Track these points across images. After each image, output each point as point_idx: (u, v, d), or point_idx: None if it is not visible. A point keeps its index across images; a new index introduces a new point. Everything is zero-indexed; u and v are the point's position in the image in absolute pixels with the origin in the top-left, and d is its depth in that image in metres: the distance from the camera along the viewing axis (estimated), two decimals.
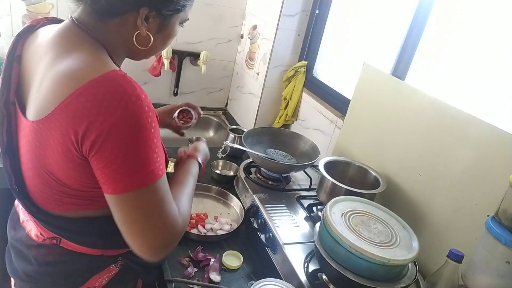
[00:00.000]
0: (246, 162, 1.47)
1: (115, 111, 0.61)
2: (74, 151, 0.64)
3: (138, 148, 0.64)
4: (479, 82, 1.11)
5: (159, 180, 0.67)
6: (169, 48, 1.93)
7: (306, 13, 1.81)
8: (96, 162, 0.64)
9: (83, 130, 0.61)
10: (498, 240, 0.77)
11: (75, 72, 0.63)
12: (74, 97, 0.61)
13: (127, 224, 0.66)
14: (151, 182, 0.65)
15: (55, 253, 0.79)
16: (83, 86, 0.61)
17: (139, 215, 0.65)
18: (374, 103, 1.35)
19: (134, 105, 0.62)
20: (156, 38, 0.76)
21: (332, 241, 0.88)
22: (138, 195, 0.65)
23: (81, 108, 0.61)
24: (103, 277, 0.83)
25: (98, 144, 0.62)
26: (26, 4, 1.73)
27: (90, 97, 0.61)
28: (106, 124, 0.61)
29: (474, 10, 1.12)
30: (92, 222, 0.78)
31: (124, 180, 0.64)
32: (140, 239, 0.66)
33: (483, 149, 0.97)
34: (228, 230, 1.23)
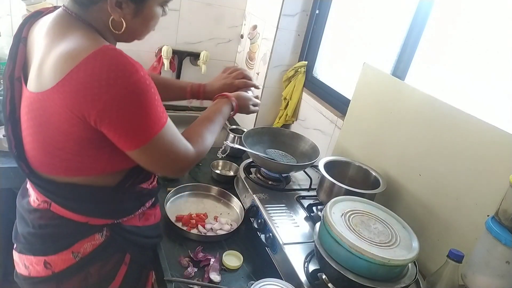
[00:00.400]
0: (246, 162, 1.47)
1: (115, 82, 0.69)
2: (80, 121, 0.73)
3: (143, 109, 0.74)
4: (479, 82, 1.11)
5: (166, 126, 0.80)
6: (169, 48, 1.93)
7: (306, 13, 1.81)
8: (108, 129, 0.74)
9: (88, 104, 0.70)
10: (498, 240, 0.77)
11: (71, 52, 0.71)
12: (73, 74, 0.69)
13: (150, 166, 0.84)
14: (160, 130, 0.78)
15: (46, 217, 0.87)
16: (80, 63, 0.69)
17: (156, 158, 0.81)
18: (374, 103, 1.35)
19: (130, 73, 0.71)
20: (135, 22, 0.82)
21: (332, 241, 0.88)
22: (152, 144, 0.78)
23: (82, 82, 0.69)
24: (87, 244, 0.89)
25: (106, 114, 0.71)
26: (26, 4, 1.73)
27: (88, 72, 0.69)
28: (109, 95, 0.70)
29: (474, 10, 1.12)
30: (78, 189, 0.85)
31: (138, 136, 0.76)
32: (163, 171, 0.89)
33: (483, 149, 0.97)
34: (228, 230, 1.23)
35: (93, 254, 0.89)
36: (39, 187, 0.86)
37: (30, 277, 0.91)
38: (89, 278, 0.91)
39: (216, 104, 1.06)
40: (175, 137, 0.83)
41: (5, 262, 1.81)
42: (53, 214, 0.87)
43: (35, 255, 0.89)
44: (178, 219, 1.24)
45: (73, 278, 0.89)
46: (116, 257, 0.95)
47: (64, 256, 0.87)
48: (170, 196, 1.32)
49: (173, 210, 1.27)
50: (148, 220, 1.03)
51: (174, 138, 0.83)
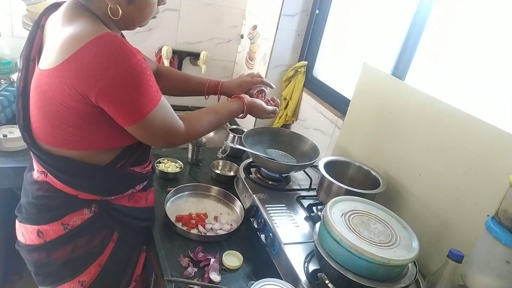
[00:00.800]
0: (246, 162, 1.47)
1: (115, 64, 0.77)
2: (81, 98, 0.81)
3: (139, 88, 0.82)
4: (479, 82, 1.11)
5: (160, 103, 0.88)
6: (169, 48, 1.93)
7: (306, 13, 1.81)
8: (108, 107, 0.83)
9: (90, 84, 0.78)
10: (498, 240, 0.78)
11: (76, 35, 0.79)
12: (77, 54, 0.77)
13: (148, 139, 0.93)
14: (155, 107, 0.87)
15: (43, 188, 0.96)
16: (84, 46, 0.77)
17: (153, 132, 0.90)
18: (374, 103, 1.35)
19: (128, 57, 0.79)
20: (130, 9, 0.88)
21: (332, 241, 0.88)
22: (148, 119, 0.86)
23: (85, 63, 0.77)
24: (76, 218, 0.97)
25: (106, 93, 0.79)
26: (26, 4, 1.73)
27: (91, 54, 0.77)
28: (109, 76, 0.78)
29: (474, 10, 1.12)
30: (71, 163, 0.92)
31: (135, 113, 0.84)
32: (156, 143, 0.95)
33: (483, 149, 0.97)
34: (228, 230, 1.23)
35: (81, 227, 0.97)
36: (38, 158, 0.94)
37: (26, 245, 1.00)
38: (77, 250, 0.98)
39: (228, 101, 1.16)
40: (167, 114, 0.92)
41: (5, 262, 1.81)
42: (49, 186, 0.96)
43: (31, 224, 0.98)
44: (178, 219, 1.24)
45: (62, 248, 0.97)
46: (103, 233, 1.01)
47: (55, 226, 0.95)
48: (170, 196, 1.32)
49: (173, 210, 1.27)
50: (138, 202, 1.09)
51: (166, 115, 0.91)
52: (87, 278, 1.01)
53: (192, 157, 1.62)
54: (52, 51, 0.82)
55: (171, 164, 1.52)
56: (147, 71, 0.83)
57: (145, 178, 1.09)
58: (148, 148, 1.07)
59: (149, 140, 0.94)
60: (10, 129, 1.49)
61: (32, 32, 0.94)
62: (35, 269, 1.01)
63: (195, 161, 1.62)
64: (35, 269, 1.01)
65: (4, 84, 1.63)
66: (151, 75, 0.85)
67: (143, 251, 1.16)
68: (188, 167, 1.59)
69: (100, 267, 1.02)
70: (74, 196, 0.96)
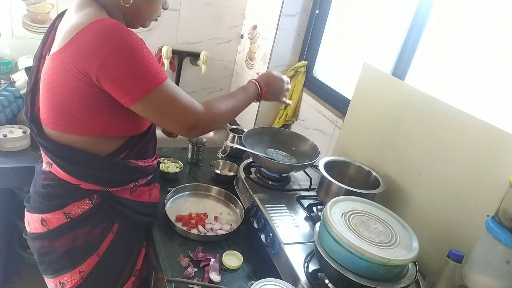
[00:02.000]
0: (246, 162, 1.47)
1: (111, 40, 0.80)
2: (84, 77, 0.83)
3: (137, 63, 0.82)
4: (479, 82, 1.11)
5: (165, 82, 0.86)
6: (169, 48, 1.93)
7: (306, 13, 1.81)
8: (109, 85, 0.83)
9: (90, 61, 0.80)
10: (498, 240, 0.78)
11: (78, 21, 0.84)
12: (78, 36, 0.81)
13: (157, 120, 0.90)
14: (159, 85, 0.85)
15: (49, 178, 1.00)
16: (84, 28, 0.81)
17: (161, 111, 0.87)
18: (374, 103, 1.35)
19: (123, 34, 0.81)
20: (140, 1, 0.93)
21: (332, 241, 0.88)
22: (152, 97, 0.85)
23: (84, 42, 0.80)
24: (78, 207, 0.99)
25: (105, 69, 0.80)
26: (26, 4, 1.73)
27: (90, 33, 0.80)
28: (105, 53, 0.80)
29: (474, 10, 1.12)
30: (75, 152, 0.94)
31: (135, 89, 0.83)
32: (172, 126, 0.91)
33: (483, 149, 0.97)
34: (228, 230, 1.23)
35: (82, 217, 0.99)
36: (44, 148, 0.97)
37: (31, 233, 1.04)
38: (77, 240, 1.00)
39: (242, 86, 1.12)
40: (177, 93, 0.89)
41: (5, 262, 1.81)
42: (54, 176, 0.99)
43: (36, 213, 1.01)
44: (178, 219, 1.24)
45: (63, 237, 1.00)
46: (103, 224, 1.03)
47: (57, 215, 0.99)
48: (170, 196, 1.32)
49: (173, 210, 1.27)
50: (140, 196, 1.11)
51: (176, 94, 0.88)
52: (86, 268, 1.03)
53: (192, 157, 1.62)
54: (58, 39, 0.87)
55: (171, 164, 1.53)
56: (143, 48, 0.84)
57: (148, 173, 1.10)
58: (152, 141, 1.09)
59: (161, 120, 0.90)
60: (10, 129, 1.49)
61: (46, 33, 0.99)
62: (39, 258, 1.04)
63: (195, 161, 1.62)
64: (38, 258, 1.05)
65: (4, 84, 1.63)
66: (149, 54, 0.85)
67: (143, 246, 1.17)
68: (188, 167, 1.59)
69: (98, 257, 1.04)
70: (77, 186, 0.98)
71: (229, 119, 1.05)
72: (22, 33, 1.77)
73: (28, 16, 1.76)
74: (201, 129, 0.94)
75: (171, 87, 0.88)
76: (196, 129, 0.93)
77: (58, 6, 1.78)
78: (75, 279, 1.04)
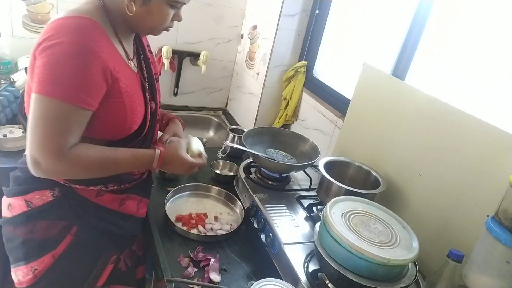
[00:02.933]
0: (246, 162, 1.47)
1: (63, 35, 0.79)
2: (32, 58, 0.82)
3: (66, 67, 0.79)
4: (479, 82, 1.11)
5: (66, 104, 0.79)
6: (169, 48, 1.93)
7: (306, 13, 1.81)
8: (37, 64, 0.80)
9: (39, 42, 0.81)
10: (498, 240, 0.78)
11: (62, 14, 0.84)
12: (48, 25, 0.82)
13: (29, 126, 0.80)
14: (57, 97, 0.78)
15: (23, 161, 0.94)
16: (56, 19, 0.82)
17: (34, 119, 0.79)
18: (374, 103, 1.35)
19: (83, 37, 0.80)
20: (142, 11, 0.91)
21: (332, 241, 0.88)
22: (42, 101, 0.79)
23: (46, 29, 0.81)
24: (38, 197, 0.95)
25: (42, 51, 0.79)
26: (26, 4, 1.73)
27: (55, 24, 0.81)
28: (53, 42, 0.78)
29: (474, 10, 1.12)
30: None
31: (42, 84, 0.78)
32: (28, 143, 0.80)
33: (483, 149, 0.97)
34: (228, 230, 1.23)
35: (41, 208, 0.95)
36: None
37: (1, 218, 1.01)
38: (35, 233, 0.96)
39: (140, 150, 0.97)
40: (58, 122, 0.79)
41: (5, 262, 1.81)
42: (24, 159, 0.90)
43: (7, 196, 0.99)
44: (178, 219, 1.24)
45: (23, 225, 0.96)
46: (62, 223, 0.97)
47: (19, 201, 0.96)
48: (170, 196, 1.32)
49: (173, 210, 1.27)
50: (107, 202, 1.01)
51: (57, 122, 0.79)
52: (39, 267, 0.96)
53: None
54: None
55: None
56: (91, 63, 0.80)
57: (123, 180, 1.02)
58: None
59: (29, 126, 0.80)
60: (10, 129, 1.49)
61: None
62: (5, 244, 1.01)
63: None
64: (5, 244, 1.01)
65: (4, 84, 1.63)
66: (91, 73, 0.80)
67: (111, 262, 1.05)
68: None
69: (53, 259, 0.96)
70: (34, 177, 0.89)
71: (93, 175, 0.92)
72: (22, 33, 1.77)
73: (28, 16, 1.76)
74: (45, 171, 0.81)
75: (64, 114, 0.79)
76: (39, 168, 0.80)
77: (58, 6, 1.78)
78: (27, 275, 0.97)
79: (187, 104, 2.22)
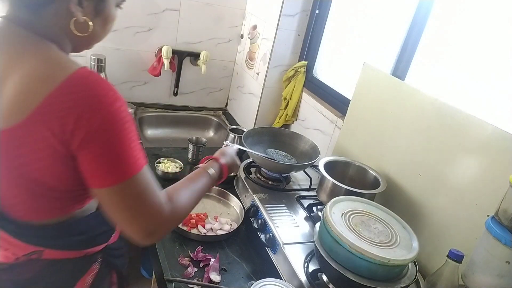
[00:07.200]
0: (246, 162, 1.47)
1: (99, 108, 0.64)
2: (62, 148, 0.65)
3: (122, 142, 0.67)
4: (479, 82, 1.11)
5: (142, 171, 0.70)
6: (169, 48, 1.93)
7: (306, 13, 1.81)
8: (84, 157, 0.66)
9: (71, 128, 0.63)
10: (498, 240, 0.77)
11: (43, 74, 0.64)
12: (53, 98, 0.62)
13: (117, 214, 0.71)
14: (135, 173, 0.69)
15: (35, 268, 0.78)
16: (59, 86, 0.62)
17: (126, 205, 0.70)
18: (374, 103, 1.35)
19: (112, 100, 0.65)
20: (95, 23, 0.74)
21: (332, 241, 0.88)
22: (124, 187, 0.69)
23: (66, 107, 0.63)
24: (88, 277, 0.85)
25: (87, 140, 0.64)
26: None
27: (72, 96, 0.63)
28: (93, 121, 0.63)
29: (474, 10, 1.12)
30: (70, 225, 0.79)
31: (112, 173, 0.67)
32: (130, 226, 0.71)
33: (483, 149, 0.97)
34: (228, 230, 1.23)
35: (93, 285, 0.86)
36: (28, 237, 0.76)
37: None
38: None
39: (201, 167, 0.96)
40: (150, 185, 0.72)
41: None
42: (45, 261, 0.78)
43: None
44: None
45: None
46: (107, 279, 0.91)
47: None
48: None
49: None
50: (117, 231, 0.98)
51: (149, 186, 0.72)
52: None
53: (192, 157, 1.62)
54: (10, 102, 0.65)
55: (171, 164, 1.52)
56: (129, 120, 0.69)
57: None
58: None
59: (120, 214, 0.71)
60: None
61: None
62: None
63: (195, 161, 1.62)
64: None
65: None
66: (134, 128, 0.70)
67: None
68: (188, 167, 1.59)
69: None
70: (82, 257, 0.83)
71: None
72: None
73: None
74: (159, 236, 0.76)
75: (148, 176, 0.72)
76: (155, 235, 0.74)
77: None
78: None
79: (187, 104, 2.22)
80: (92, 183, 0.69)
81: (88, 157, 0.66)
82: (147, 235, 0.72)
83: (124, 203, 0.69)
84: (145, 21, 1.91)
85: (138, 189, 0.70)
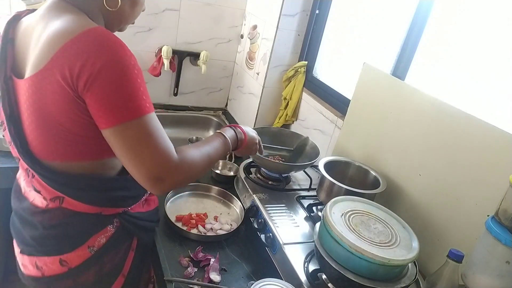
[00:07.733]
0: (246, 162, 1.47)
1: (103, 54, 0.71)
2: (71, 92, 0.73)
3: (125, 85, 0.73)
4: (479, 82, 1.11)
5: (147, 116, 0.75)
6: (169, 48, 1.93)
7: (306, 13, 1.81)
8: (89, 99, 0.73)
9: (77, 72, 0.71)
10: (498, 240, 0.78)
11: (65, 29, 0.74)
12: (67, 47, 0.72)
13: (124, 155, 0.76)
14: (139, 116, 0.74)
15: (58, 216, 0.88)
16: (74, 38, 0.72)
17: (131, 145, 0.74)
18: (374, 103, 1.35)
19: (118, 50, 0.73)
20: (125, 3, 0.86)
21: (332, 241, 0.88)
22: (128, 127, 0.74)
23: (74, 53, 0.71)
24: (101, 237, 0.93)
25: (90, 83, 0.71)
26: (26, 4, 1.73)
27: (81, 44, 0.71)
28: (96, 65, 0.70)
29: (474, 10, 1.12)
30: (90, 179, 0.87)
31: (114, 113, 0.73)
32: (136, 169, 0.75)
33: (483, 149, 0.97)
34: (228, 230, 1.23)
35: (106, 245, 0.93)
36: (51, 182, 0.86)
37: (44, 277, 0.92)
38: (103, 268, 0.94)
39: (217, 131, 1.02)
40: (158, 131, 0.76)
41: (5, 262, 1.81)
42: (65, 211, 0.88)
43: (50, 255, 0.90)
44: (178, 219, 1.24)
45: (89, 271, 0.92)
46: (125, 244, 0.99)
47: (80, 251, 0.90)
48: (170, 196, 1.32)
49: (173, 210, 1.27)
50: (150, 205, 1.09)
51: (156, 131, 0.76)
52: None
53: None
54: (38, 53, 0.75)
55: None
56: (135, 70, 0.74)
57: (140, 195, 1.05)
58: None
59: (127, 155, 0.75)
60: None
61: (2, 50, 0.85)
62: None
63: None
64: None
65: None
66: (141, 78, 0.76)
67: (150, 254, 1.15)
68: None
69: (124, 278, 0.99)
70: (97, 215, 0.91)
71: (202, 173, 0.90)
72: None
73: None
74: (168, 185, 0.78)
75: (154, 123, 0.76)
76: (163, 183, 0.77)
77: None
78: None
79: (187, 104, 2.22)
80: (100, 123, 0.75)
81: (93, 99, 0.73)
82: (155, 181, 0.76)
83: (129, 143, 0.74)
84: (145, 21, 1.91)
85: (144, 132, 0.74)
